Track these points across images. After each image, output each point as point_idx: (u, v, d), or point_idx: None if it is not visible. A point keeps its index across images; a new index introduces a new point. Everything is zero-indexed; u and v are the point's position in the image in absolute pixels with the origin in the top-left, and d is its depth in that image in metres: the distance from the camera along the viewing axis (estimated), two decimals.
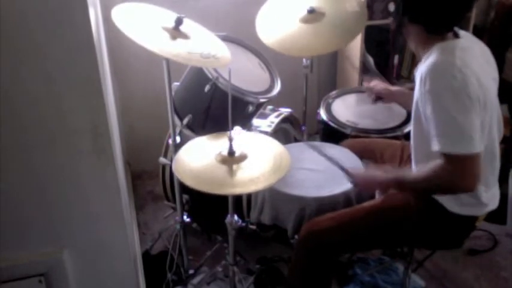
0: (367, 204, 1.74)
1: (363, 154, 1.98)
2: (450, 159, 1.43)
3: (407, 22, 1.59)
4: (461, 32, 1.60)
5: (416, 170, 1.65)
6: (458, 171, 1.43)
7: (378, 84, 2.08)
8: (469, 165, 1.42)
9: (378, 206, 1.72)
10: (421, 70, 1.52)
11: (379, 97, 2.08)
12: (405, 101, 1.98)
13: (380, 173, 1.65)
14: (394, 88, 2.07)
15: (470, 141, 1.41)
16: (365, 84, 2.14)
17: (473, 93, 1.43)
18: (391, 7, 1.61)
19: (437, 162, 1.46)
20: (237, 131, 1.61)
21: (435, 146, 1.44)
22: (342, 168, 1.76)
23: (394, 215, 1.67)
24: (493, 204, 1.66)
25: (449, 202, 1.60)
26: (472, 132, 1.41)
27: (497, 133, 1.61)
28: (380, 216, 1.68)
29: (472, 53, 1.54)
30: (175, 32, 1.73)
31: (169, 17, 1.76)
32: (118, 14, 1.64)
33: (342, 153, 1.97)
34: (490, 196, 1.63)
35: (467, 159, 1.42)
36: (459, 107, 1.42)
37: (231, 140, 1.59)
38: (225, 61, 1.78)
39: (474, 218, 1.65)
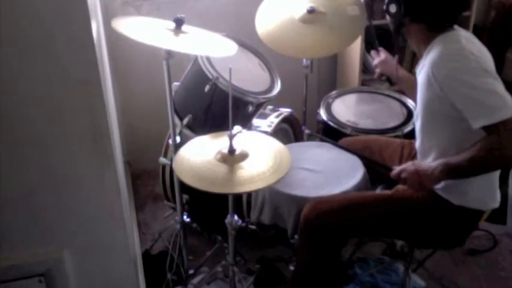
0: (376, 193, 1.74)
1: (362, 153, 1.98)
2: (495, 128, 1.41)
3: (409, 22, 1.59)
4: (461, 29, 1.61)
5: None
6: (506, 137, 1.40)
7: (383, 62, 2.02)
8: None
9: (387, 195, 1.72)
10: (427, 64, 1.53)
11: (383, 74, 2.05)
12: (409, 88, 1.96)
13: (423, 163, 1.60)
14: (400, 72, 1.99)
15: (506, 104, 1.41)
16: (373, 56, 2.09)
17: (489, 68, 1.46)
18: (392, 8, 1.61)
19: (485, 138, 1.44)
20: (237, 129, 1.60)
21: (476, 124, 1.43)
22: (380, 165, 1.77)
23: (402, 205, 1.67)
24: (496, 202, 1.67)
25: (455, 195, 1.60)
26: (504, 95, 1.42)
27: None
28: (388, 204, 1.69)
29: (476, 45, 1.56)
30: (177, 31, 1.73)
31: (169, 24, 1.76)
32: (117, 24, 1.64)
33: (341, 153, 1.97)
34: (495, 188, 1.65)
35: (510, 123, 1.40)
36: (481, 79, 1.44)
37: (231, 137, 1.59)
38: (229, 51, 1.79)
39: (479, 213, 1.65)
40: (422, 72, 1.57)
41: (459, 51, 1.49)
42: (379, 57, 2.03)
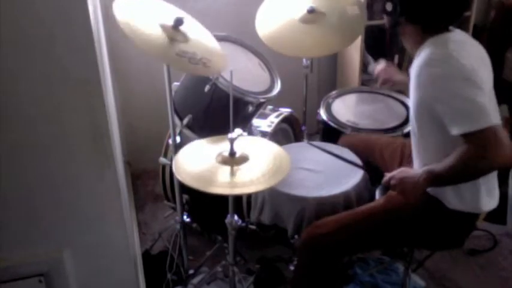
0: (368, 206, 1.74)
1: (363, 151, 1.97)
2: (473, 138, 1.40)
3: (405, 22, 1.59)
4: (456, 30, 1.61)
5: (421, 166, 1.65)
6: (485, 146, 1.39)
7: (383, 70, 2.03)
8: (493, 137, 1.38)
9: (378, 207, 1.72)
10: (415, 66, 1.53)
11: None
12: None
13: (411, 171, 1.61)
14: (400, 76, 2.01)
15: (486, 114, 1.40)
16: (369, 70, 2.10)
17: (472, 75, 1.45)
18: (388, 7, 1.62)
19: (463, 147, 1.43)
20: (237, 133, 1.60)
21: (454, 131, 1.43)
22: (353, 164, 1.77)
23: (395, 216, 1.67)
24: (493, 203, 1.66)
25: (449, 198, 1.60)
26: (485, 105, 1.41)
27: None
28: (381, 217, 1.68)
29: (466, 47, 1.56)
30: (174, 32, 1.71)
31: (170, 14, 1.74)
32: (118, 8, 1.62)
33: (341, 153, 1.97)
34: (491, 189, 1.64)
35: (490, 132, 1.38)
36: (462, 87, 1.43)
37: (232, 140, 1.59)
38: (217, 69, 1.77)
39: (475, 216, 1.65)
40: (413, 73, 1.57)
41: (444, 56, 1.48)
42: (379, 67, 2.04)
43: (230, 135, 1.59)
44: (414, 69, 1.54)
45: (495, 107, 1.59)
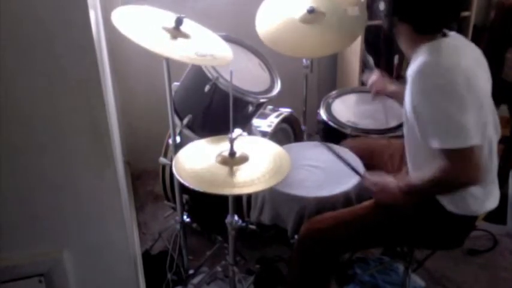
0: (366, 203, 1.74)
1: (363, 154, 1.98)
2: (450, 154, 1.45)
3: (397, 21, 1.60)
4: (451, 33, 1.60)
5: (413, 171, 1.66)
6: (461, 165, 1.45)
7: (376, 82, 2.10)
8: (469, 158, 1.44)
9: (375, 204, 1.72)
10: (410, 71, 1.54)
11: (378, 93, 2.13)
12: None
13: (391, 179, 1.65)
14: (392, 87, 2.08)
15: (467, 134, 1.44)
16: (364, 79, 2.16)
17: (462, 90, 1.46)
18: (381, 6, 1.63)
19: (440, 162, 1.47)
20: (237, 133, 1.60)
21: (434, 144, 1.47)
22: (354, 170, 1.79)
23: (394, 213, 1.67)
24: (492, 203, 1.66)
25: (445, 201, 1.60)
26: (467, 125, 1.45)
27: (494, 133, 1.61)
28: (378, 214, 1.68)
29: (461, 52, 1.56)
30: (176, 32, 1.73)
31: (169, 18, 1.76)
32: (118, 16, 1.64)
33: (341, 153, 1.96)
34: (487, 193, 1.63)
35: (467, 152, 1.44)
36: (450, 103, 1.45)
37: (232, 140, 1.59)
38: (224, 61, 1.77)
39: (473, 218, 1.65)
40: (408, 78, 1.57)
41: (436, 66, 1.49)
42: (372, 78, 2.10)
43: (230, 136, 1.59)
44: (410, 74, 1.55)
45: (492, 110, 1.59)
